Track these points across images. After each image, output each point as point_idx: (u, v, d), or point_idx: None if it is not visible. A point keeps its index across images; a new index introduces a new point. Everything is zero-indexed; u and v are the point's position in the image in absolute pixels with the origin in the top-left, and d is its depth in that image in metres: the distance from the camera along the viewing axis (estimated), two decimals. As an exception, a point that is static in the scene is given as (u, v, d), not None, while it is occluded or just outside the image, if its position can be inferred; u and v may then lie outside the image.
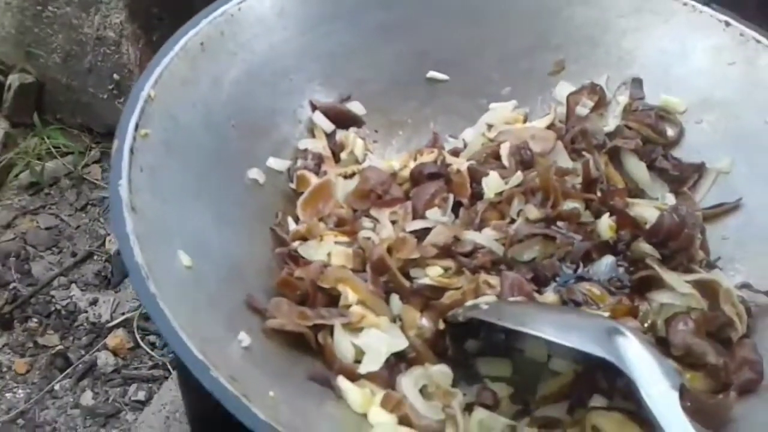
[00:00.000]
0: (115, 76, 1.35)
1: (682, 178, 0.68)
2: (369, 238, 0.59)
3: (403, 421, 0.46)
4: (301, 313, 0.52)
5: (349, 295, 0.54)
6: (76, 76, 1.38)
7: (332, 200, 0.62)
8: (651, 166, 0.69)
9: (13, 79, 1.40)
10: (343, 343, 0.51)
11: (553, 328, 0.47)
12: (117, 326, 1.15)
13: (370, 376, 0.49)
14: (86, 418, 1.06)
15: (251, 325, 0.49)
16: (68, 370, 1.10)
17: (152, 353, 1.11)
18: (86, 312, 1.17)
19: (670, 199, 0.67)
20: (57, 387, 1.09)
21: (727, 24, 0.70)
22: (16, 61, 1.42)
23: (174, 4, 1.31)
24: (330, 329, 0.52)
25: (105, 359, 1.10)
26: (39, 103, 1.43)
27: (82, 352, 1.13)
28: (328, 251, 0.57)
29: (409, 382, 0.48)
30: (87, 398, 1.08)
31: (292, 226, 0.61)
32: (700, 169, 0.68)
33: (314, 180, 0.63)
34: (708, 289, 0.56)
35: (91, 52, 1.36)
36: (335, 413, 0.46)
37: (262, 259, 0.57)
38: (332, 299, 0.55)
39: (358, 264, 0.57)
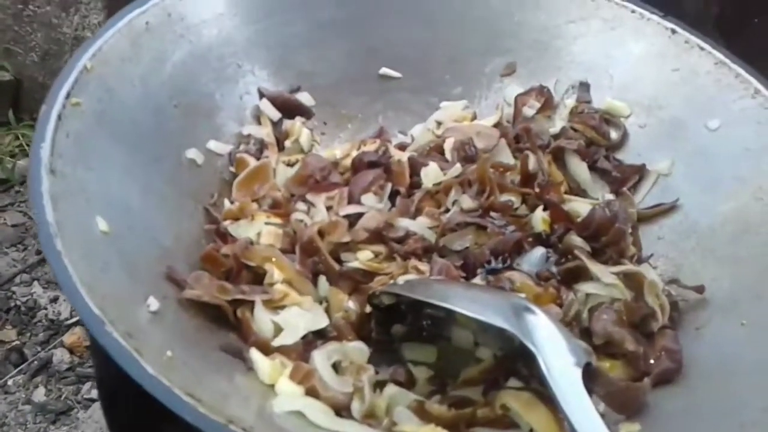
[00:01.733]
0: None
1: (623, 179, 0.69)
2: (301, 221, 0.59)
3: (310, 392, 0.45)
4: (220, 286, 0.51)
5: (275, 273, 0.54)
6: (53, 75, 1.39)
7: (269, 183, 0.62)
8: (593, 167, 0.70)
9: (-10, 77, 1.41)
10: (262, 319, 0.51)
11: (463, 301, 0.47)
12: (75, 324, 1.14)
13: (285, 351, 0.49)
14: (37, 414, 1.05)
15: (167, 294, 0.49)
16: (22, 366, 1.10)
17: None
18: (46, 309, 1.17)
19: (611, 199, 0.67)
20: (10, 382, 1.08)
21: (673, 31, 0.72)
22: (-7, 59, 1.43)
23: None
24: (250, 305, 0.52)
25: (61, 356, 1.10)
26: (15, 101, 1.44)
27: (38, 349, 1.12)
28: (258, 231, 0.57)
29: (321, 355, 0.48)
30: (39, 395, 1.07)
31: (227, 206, 0.61)
32: (640, 171, 0.69)
33: (253, 162, 0.63)
34: (633, 282, 0.56)
35: (69, 51, 1.37)
36: (242, 383, 0.45)
37: (190, 237, 0.57)
38: (257, 278, 0.55)
39: (288, 244, 0.57)
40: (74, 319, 1.15)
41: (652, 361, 0.52)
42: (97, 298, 0.41)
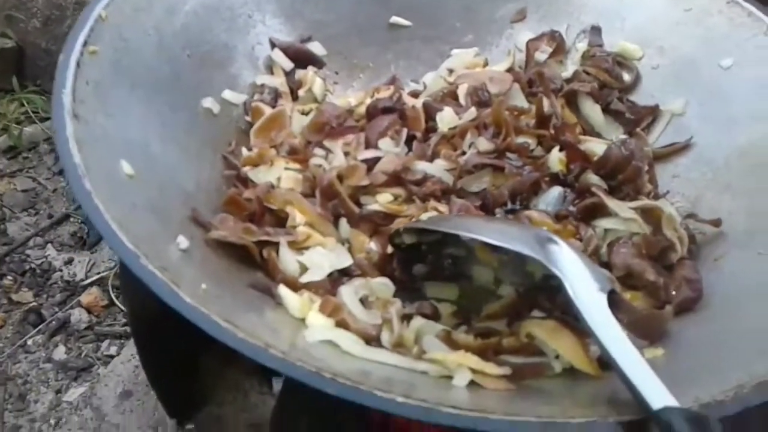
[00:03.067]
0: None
1: (637, 119, 0.69)
2: (320, 166, 0.59)
3: (340, 324, 0.46)
4: (246, 228, 0.52)
5: (297, 216, 0.55)
6: (56, 40, 1.39)
7: (286, 130, 0.62)
8: (606, 109, 0.70)
9: (-8, 44, 1.41)
10: (288, 259, 0.51)
11: (487, 232, 0.48)
12: (91, 284, 1.15)
13: (312, 287, 0.50)
14: (58, 372, 1.06)
15: (193, 234, 0.49)
16: (41, 326, 1.11)
17: (125, 310, 1.11)
18: (61, 271, 1.17)
19: (625, 140, 0.68)
20: (30, 342, 1.09)
21: (685, -29, 0.71)
22: (-5, 26, 1.42)
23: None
24: (275, 246, 0.52)
25: (78, 316, 1.11)
26: (19, 68, 1.44)
27: (56, 309, 1.13)
28: (277, 175, 0.58)
29: (349, 290, 0.49)
30: (59, 353, 1.08)
31: (245, 154, 0.62)
32: (654, 112, 0.69)
33: (268, 111, 0.64)
34: (651, 216, 0.57)
35: (71, 16, 1.36)
36: (272, 317, 0.46)
37: (211, 183, 0.58)
38: (279, 222, 0.55)
39: (308, 189, 0.58)
40: (90, 280, 1.16)
41: (672, 292, 0.53)
42: (129, 235, 0.41)
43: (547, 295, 0.53)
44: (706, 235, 0.59)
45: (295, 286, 0.50)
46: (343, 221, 0.57)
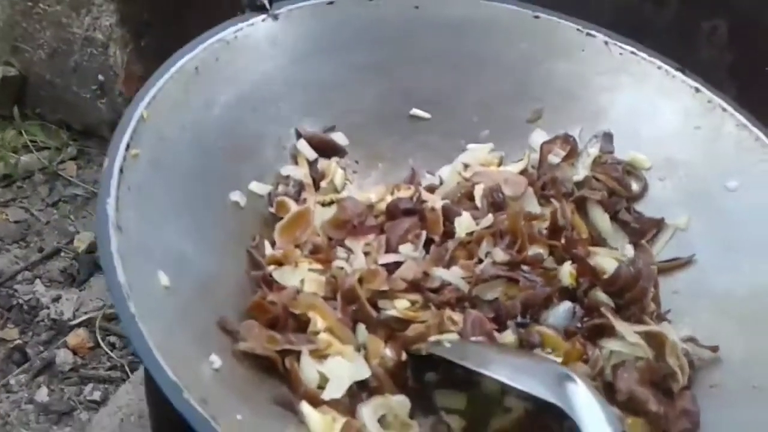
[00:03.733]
0: (100, 77, 1.36)
1: (642, 231, 0.72)
2: (342, 268, 0.61)
3: (361, 449, 0.48)
4: (270, 337, 0.54)
5: (318, 321, 0.57)
6: (61, 73, 1.39)
7: (310, 228, 0.64)
8: (614, 218, 0.73)
9: (-3, 71, 1.41)
10: (308, 369, 0.53)
11: (510, 371, 0.50)
12: (79, 325, 1.15)
13: (333, 403, 0.52)
14: (40, 414, 1.06)
15: (221, 345, 0.51)
16: (25, 365, 1.11)
17: (111, 354, 1.12)
18: (48, 308, 1.17)
19: (629, 250, 0.71)
20: (12, 381, 1.09)
21: (697, 90, 0.75)
22: (1, 54, 1.42)
23: (164, 13, 1.33)
24: (296, 354, 0.54)
25: (64, 357, 1.11)
26: (20, 97, 1.44)
27: (41, 348, 1.13)
28: (301, 277, 0.59)
29: (369, 412, 0.51)
30: (42, 394, 1.08)
31: (268, 249, 0.63)
32: (659, 224, 0.72)
33: (294, 206, 0.66)
34: (655, 341, 0.60)
35: (78, 51, 1.37)
36: (297, 437, 0.48)
37: (235, 280, 0.59)
38: (300, 324, 0.57)
39: (329, 292, 0.60)
40: (77, 320, 1.16)
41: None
42: (170, 361, 0.43)
43: (553, 417, 0.55)
44: (704, 359, 0.61)
45: (316, 401, 0.52)
46: (361, 326, 0.59)
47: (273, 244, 0.64)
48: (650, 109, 0.76)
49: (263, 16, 0.71)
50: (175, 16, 1.32)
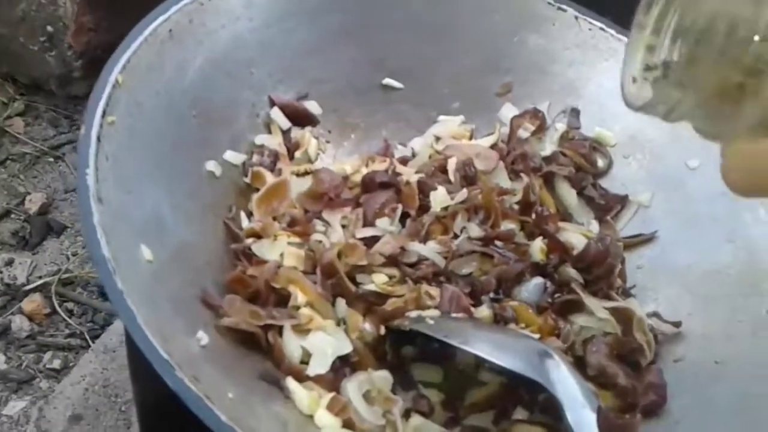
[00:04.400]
0: (49, 28, 1.30)
1: (607, 207, 0.74)
2: (320, 242, 0.61)
3: (347, 424, 0.49)
4: (253, 312, 0.53)
5: (299, 296, 0.56)
6: (7, 24, 1.32)
7: (287, 200, 0.64)
8: (580, 193, 0.74)
9: (-65, 20, 1.32)
10: (291, 344, 0.53)
11: (492, 348, 0.51)
12: (34, 290, 1.12)
13: (317, 378, 0.52)
14: (-2, 383, 1.03)
15: (206, 320, 0.50)
16: (-21, 332, 1.07)
17: (70, 321, 1.09)
18: (1, 272, 1.13)
19: (595, 226, 0.73)
20: (-34, 348, 1.06)
21: (663, 69, 0.76)
22: (-61, 1, 1.33)
23: (116, -38, 1.27)
24: (279, 329, 0.54)
25: (20, 323, 1.07)
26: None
27: (-5, 314, 1.10)
28: (281, 251, 0.59)
29: (354, 387, 0.51)
30: (-1, 362, 1.05)
31: (244, 221, 0.62)
32: (623, 201, 0.74)
33: (269, 177, 0.65)
34: (623, 316, 0.62)
35: (25, 0, 1.30)
36: (283, 413, 0.48)
37: (213, 252, 0.58)
38: (281, 298, 0.57)
39: (309, 266, 0.60)
40: (32, 285, 1.12)
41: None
42: (159, 339, 0.42)
43: (527, 389, 0.57)
44: (667, 334, 0.64)
45: (300, 377, 0.52)
46: (341, 300, 0.59)
47: (249, 215, 0.63)
48: (616, 86, 0.76)
49: (237, -24, 0.68)
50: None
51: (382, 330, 0.58)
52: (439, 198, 0.67)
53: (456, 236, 0.65)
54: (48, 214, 1.20)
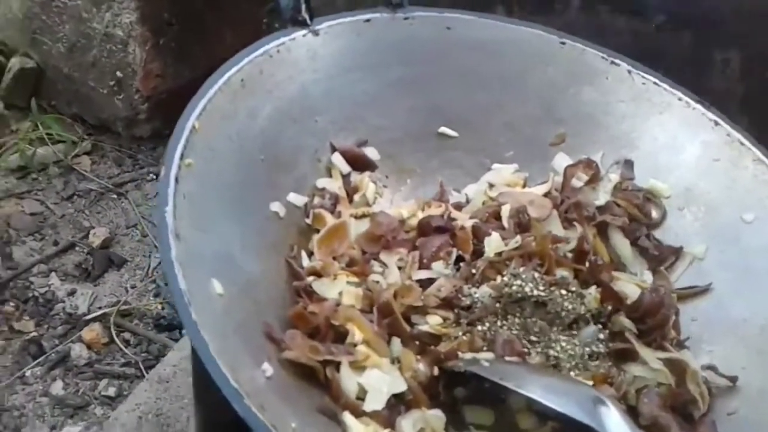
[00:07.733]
0: (118, 73, 1.37)
1: (661, 258, 0.74)
2: (378, 282, 0.63)
3: (402, 460, 0.50)
4: (313, 347, 0.56)
5: (356, 334, 0.58)
6: (79, 67, 1.40)
7: (346, 241, 0.66)
8: (634, 243, 0.75)
9: (14, 62, 1.41)
10: (348, 380, 0.55)
11: (546, 392, 0.52)
12: (93, 320, 1.16)
13: (373, 414, 0.53)
14: (54, 407, 1.07)
15: (270, 353, 0.53)
16: (41, 359, 1.11)
17: (126, 351, 1.13)
18: (63, 302, 1.18)
19: (648, 277, 0.73)
20: (28, 373, 1.10)
21: (716, 123, 0.77)
22: (19, 46, 1.43)
23: (184, 12, 1.35)
24: (336, 365, 0.56)
25: (79, 351, 1.12)
26: (37, 89, 1.44)
27: (56, 342, 1.14)
28: (340, 290, 0.61)
29: (408, 424, 0.53)
30: (57, 388, 1.09)
31: (304, 259, 0.65)
32: (677, 252, 0.74)
33: (330, 219, 0.67)
34: (676, 367, 0.62)
35: (97, 46, 1.38)
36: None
37: (276, 288, 0.61)
38: (339, 335, 0.59)
39: (366, 305, 0.62)
40: (92, 315, 1.17)
41: (693, 446, 0.58)
42: (229, 369, 0.45)
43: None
44: (721, 387, 0.64)
45: (357, 412, 0.53)
46: (396, 340, 0.61)
47: (309, 254, 0.66)
48: (671, 139, 0.79)
49: (304, 31, 0.73)
50: (195, 16, 1.33)
51: (436, 370, 0.60)
52: (494, 243, 0.69)
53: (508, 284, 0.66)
54: (110, 248, 1.26)
